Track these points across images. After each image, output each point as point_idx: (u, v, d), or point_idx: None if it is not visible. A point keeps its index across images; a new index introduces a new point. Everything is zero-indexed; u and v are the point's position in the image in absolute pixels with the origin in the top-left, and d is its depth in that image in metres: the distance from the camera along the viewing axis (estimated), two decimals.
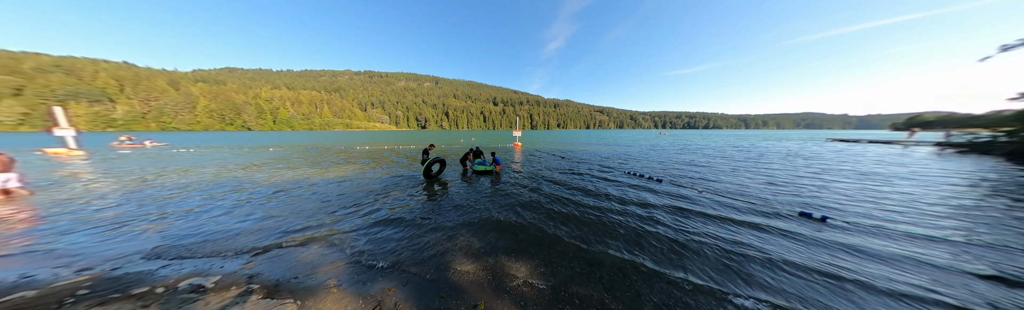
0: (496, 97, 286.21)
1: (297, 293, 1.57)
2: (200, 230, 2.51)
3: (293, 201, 3.51)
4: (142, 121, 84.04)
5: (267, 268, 1.87)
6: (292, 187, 4.33)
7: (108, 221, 2.75)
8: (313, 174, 5.55)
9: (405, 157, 8.89)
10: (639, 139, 23.60)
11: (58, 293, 1.52)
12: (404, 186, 4.32)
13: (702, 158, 8.44)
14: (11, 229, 2.45)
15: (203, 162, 7.47)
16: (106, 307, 1.40)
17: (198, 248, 2.15)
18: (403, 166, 6.71)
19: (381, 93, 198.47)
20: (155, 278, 1.71)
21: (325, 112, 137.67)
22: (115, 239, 2.31)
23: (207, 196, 3.75)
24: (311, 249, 2.16)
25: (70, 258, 1.96)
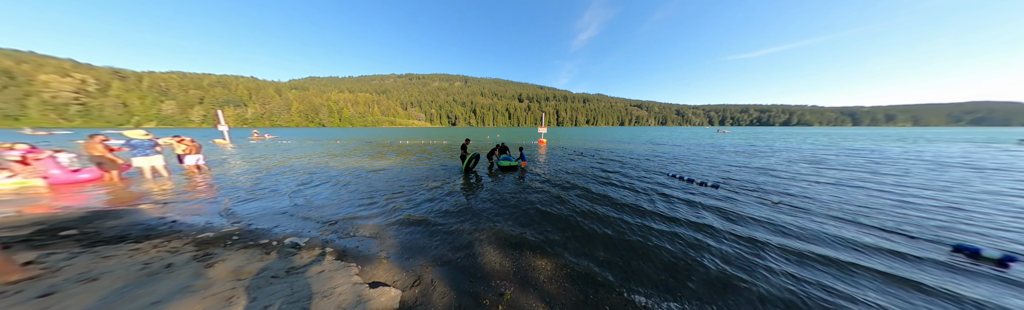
0: (521, 93, 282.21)
1: (358, 259, 1.90)
2: (295, 202, 3.26)
3: (354, 183, 4.23)
4: (261, 120, 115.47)
5: (338, 236, 2.31)
6: (353, 172, 5.22)
7: (248, 189, 3.82)
8: (367, 162, 6.56)
9: (437, 151, 9.65)
10: (687, 138, 20.20)
11: (224, 237, 2.21)
12: (440, 178, 4.68)
13: (782, 164, 6.53)
14: (202, 192, 3.66)
15: (296, 151, 9.63)
16: (247, 250, 1.96)
17: (295, 215, 2.80)
18: (437, 159, 7.32)
19: (419, 93, 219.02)
20: (271, 234, 2.30)
21: (375, 111, 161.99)
22: (252, 203, 3.20)
23: (298, 176, 4.83)
24: (368, 224, 2.56)
25: (230, 213, 2.82)
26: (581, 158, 7.67)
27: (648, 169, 5.74)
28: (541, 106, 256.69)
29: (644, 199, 3.43)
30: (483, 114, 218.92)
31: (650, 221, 2.66)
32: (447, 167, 5.92)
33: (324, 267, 1.73)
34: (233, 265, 1.71)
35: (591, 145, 12.84)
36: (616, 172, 5.20)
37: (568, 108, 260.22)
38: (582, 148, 11.19)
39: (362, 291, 1.46)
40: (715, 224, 2.57)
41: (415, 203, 3.22)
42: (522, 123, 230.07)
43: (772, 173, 5.29)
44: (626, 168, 5.81)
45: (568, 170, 5.24)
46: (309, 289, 1.45)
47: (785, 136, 22.99)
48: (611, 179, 4.63)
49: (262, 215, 2.79)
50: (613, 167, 5.88)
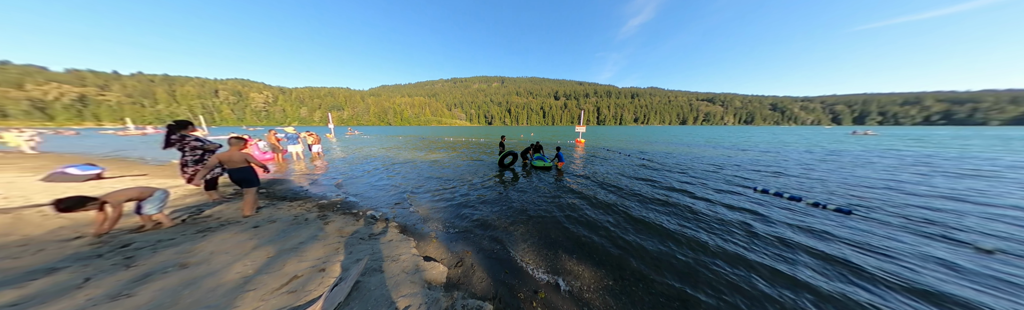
0: (558, 91, 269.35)
1: (414, 235, 2.27)
2: (375, 183, 4.17)
3: (412, 172, 5.07)
4: (351, 120, 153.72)
5: (400, 214, 2.82)
6: (412, 162, 6.27)
7: (344, 171, 5.10)
8: (421, 156, 7.68)
9: (475, 148, 10.48)
10: (792, 142, 13.45)
11: (332, 204, 3.06)
12: (481, 172, 5.06)
13: (983, 181, 4.10)
14: (320, 171, 5.16)
15: (374, 144, 12.29)
16: (345, 216, 2.65)
17: (373, 193, 3.59)
18: (475, 155, 7.94)
19: (461, 95, 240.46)
20: (358, 206, 3.03)
21: (427, 112, 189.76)
22: (348, 180, 4.29)
23: (375, 163, 6.15)
24: (421, 207, 3.03)
25: (335, 187, 3.86)
26: (626, 161, 6.85)
27: (728, 179, 4.57)
28: (579, 103, 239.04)
29: (708, 215, 2.76)
30: (517, 113, 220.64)
31: (716, 239, 2.12)
32: (485, 163, 6.30)
33: (392, 237, 2.15)
34: (338, 226, 2.33)
35: (640, 146, 11.29)
36: (675, 189, 4.21)
37: (611, 105, 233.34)
38: (628, 149, 9.97)
39: (418, 262, 1.74)
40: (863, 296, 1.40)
41: (458, 194, 3.57)
42: (557, 121, 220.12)
43: (959, 195, 3.33)
44: (690, 177, 4.82)
45: (608, 178, 4.72)
46: (383, 253, 1.84)
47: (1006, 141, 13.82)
48: (666, 191, 3.92)
49: (353, 191, 3.69)
50: (671, 180, 4.88)
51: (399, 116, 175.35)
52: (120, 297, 1.24)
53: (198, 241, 1.86)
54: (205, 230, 2.08)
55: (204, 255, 1.66)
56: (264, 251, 1.75)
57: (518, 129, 50.22)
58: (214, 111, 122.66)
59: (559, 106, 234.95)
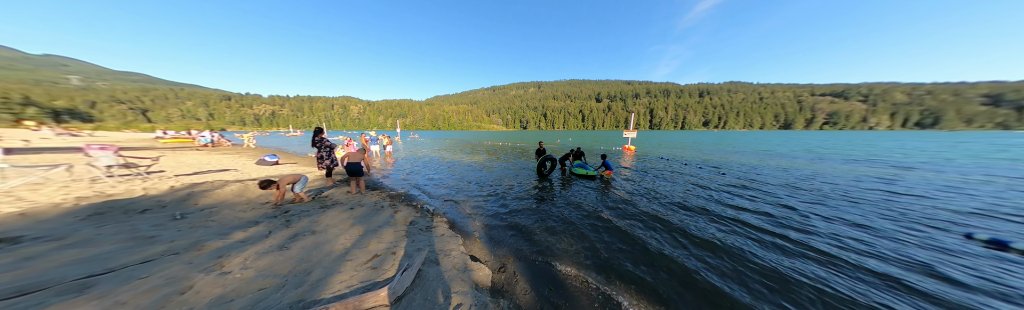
0: (600, 92, 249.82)
1: (461, 233, 2.44)
2: (428, 180, 4.81)
3: (458, 172, 5.61)
4: (411, 125, 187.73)
5: (448, 210, 3.12)
6: (457, 163, 6.95)
7: (407, 169, 6.14)
8: (464, 158, 8.45)
9: (511, 151, 10.79)
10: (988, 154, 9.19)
11: (399, 196, 3.70)
12: (519, 178, 5.11)
13: None
14: (391, 167, 6.37)
15: (430, 146, 14.38)
16: (409, 207, 3.14)
17: (427, 189, 4.13)
18: (512, 159, 8.15)
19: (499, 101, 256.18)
20: (417, 199, 3.54)
21: (469, 118, 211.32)
22: (410, 175, 5.13)
23: (430, 163, 7.13)
24: (466, 206, 3.27)
25: (401, 182, 4.67)
26: (699, 175, 5.58)
27: (875, 208, 3.05)
28: (626, 105, 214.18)
29: None
30: (554, 117, 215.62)
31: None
32: (521, 167, 6.35)
33: (442, 232, 2.37)
34: (404, 215, 2.77)
35: (715, 157, 9.06)
36: (804, 213, 3.01)
37: (669, 106, 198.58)
38: (695, 159, 8.20)
39: (466, 261, 1.84)
40: None
41: (499, 197, 3.68)
42: (599, 125, 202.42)
43: None
44: (804, 201, 3.47)
45: (675, 190, 3.96)
46: (437, 246, 2.04)
47: None
48: (778, 223, 2.86)
49: (413, 185, 4.35)
50: (773, 199, 3.60)
51: (447, 122, 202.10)
52: (283, 249, 1.81)
53: (321, 214, 2.56)
54: (325, 207, 2.84)
55: (323, 226, 2.26)
56: (356, 229, 2.24)
57: (555, 134, 48.95)
58: (330, 119, 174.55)
59: (601, 109, 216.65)
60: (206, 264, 1.54)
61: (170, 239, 1.87)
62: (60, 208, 2.38)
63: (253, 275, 1.45)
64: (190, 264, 1.54)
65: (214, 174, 4.42)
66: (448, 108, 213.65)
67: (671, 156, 9.13)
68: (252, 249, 1.77)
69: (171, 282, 1.35)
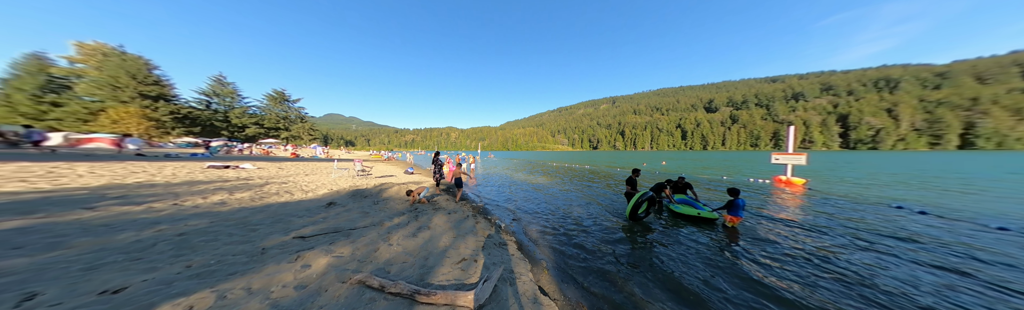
0: (713, 99, 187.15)
1: (529, 258, 2.43)
2: (501, 196, 5.41)
3: (526, 193, 5.89)
4: (488, 147, 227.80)
5: (516, 230, 3.26)
6: (524, 184, 7.36)
7: (484, 185, 7.33)
8: (530, 178, 8.84)
9: (579, 175, 9.98)
10: None
11: (479, 209, 4.41)
12: (592, 212, 4.53)
13: None
14: (473, 183, 7.85)
15: (499, 165, 16.42)
16: (486, 220, 3.64)
17: (500, 204, 4.63)
18: (581, 185, 7.51)
19: (565, 121, 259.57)
20: (491, 214, 4.03)
21: (534, 139, 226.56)
22: (485, 191, 6.03)
23: (501, 181, 8.08)
24: (533, 231, 3.28)
25: (479, 196, 5.59)
26: None
27: None
28: (772, 112, 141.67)
29: None
30: (636, 135, 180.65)
31: None
32: (594, 196, 5.65)
33: (513, 252, 2.48)
34: (483, 227, 3.22)
35: None
36: None
37: (868, 106, 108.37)
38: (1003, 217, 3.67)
39: (535, 291, 1.78)
40: None
41: (562, 220, 3.46)
42: (717, 144, 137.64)
43: None
44: None
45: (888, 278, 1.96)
46: (510, 265, 2.15)
47: None
48: None
49: (489, 200, 5.02)
50: None
51: (515, 143, 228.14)
52: (415, 236, 2.65)
53: (433, 215, 3.54)
54: (434, 209, 3.91)
55: (434, 224, 3.09)
56: (452, 232, 2.86)
57: (639, 155, 39.77)
58: (438, 143, 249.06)
59: (718, 121, 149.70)
60: (384, 235, 2.56)
61: (374, 215, 3.31)
62: (346, 189, 4.95)
63: (401, 250, 2.22)
64: (379, 234, 2.61)
65: (387, 178, 7.46)
66: (516, 131, 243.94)
67: (923, 205, 4.67)
68: (400, 232, 2.73)
69: (371, 243, 2.36)
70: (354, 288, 1.51)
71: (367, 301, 1.39)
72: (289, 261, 1.83)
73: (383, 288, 1.50)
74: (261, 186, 4.74)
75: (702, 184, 7.23)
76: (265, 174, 6.42)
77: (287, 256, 1.91)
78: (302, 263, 1.81)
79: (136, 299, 1.30)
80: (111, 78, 19.96)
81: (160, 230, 2.27)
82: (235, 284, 1.47)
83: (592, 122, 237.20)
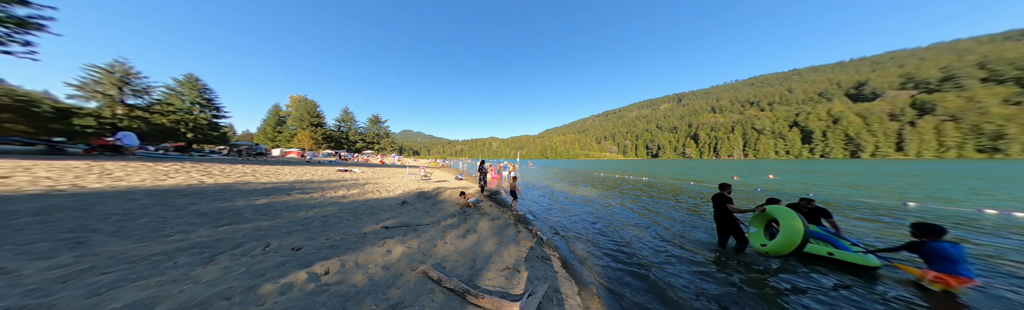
0: (866, 81, 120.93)
1: (574, 277, 2.20)
2: (540, 206, 5.27)
3: (563, 204, 5.52)
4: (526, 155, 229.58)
5: (561, 245, 3.05)
6: (564, 194, 6.96)
7: (525, 192, 7.36)
8: (571, 189, 8.25)
9: (633, 187, 8.51)
10: None
11: (520, 218, 4.44)
12: (667, 239, 3.76)
13: None
14: None
15: (538, 174, 16.37)
16: (527, 230, 3.61)
17: (540, 215, 4.49)
18: (639, 196, 6.42)
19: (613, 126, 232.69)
20: (532, 224, 3.96)
21: (576, 147, 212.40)
22: (525, 199, 6.04)
23: (539, 190, 7.94)
24: (579, 248, 2.99)
25: (520, 205, 5.63)
26: None
27: None
28: None
29: None
30: (716, 139, 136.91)
31: None
32: (657, 214, 4.69)
33: (557, 270, 2.31)
34: (524, 236, 3.19)
35: None
36: None
37: None
38: None
39: None
40: None
41: (621, 253, 2.96)
42: (887, 149, 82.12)
43: None
44: None
45: None
46: (556, 283, 2.02)
47: None
48: None
49: (528, 211, 4.98)
50: None
51: (554, 151, 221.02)
52: (464, 238, 2.92)
53: (479, 220, 3.81)
54: (480, 214, 4.21)
55: (479, 229, 3.31)
56: (495, 238, 2.98)
57: (723, 165, 30.43)
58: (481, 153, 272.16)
59: (880, 113, 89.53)
60: (441, 233, 2.95)
61: (433, 215, 3.90)
62: (413, 191, 6.09)
63: (454, 249, 2.49)
64: (437, 231, 3.04)
65: (442, 183, 8.66)
66: (555, 139, 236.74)
67: None
68: (453, 232, 3.07)
69: (431, 238, 2.76)
70: (420, 276, 1.79)
71: (428, 290, 1.62)
72: (378, 245, 2.38)
73: (440, 281, 1.71)
74: (363, 185, 6.49)
75: (845, 212, 4.64)
76: (365, 176, 8.76)
77: (377, 241, 2.50)
78: (386, 248, 2.31)
79: (305, 257, 2.01)
80: (299, 114, 33.57)
81: (315, 212, 3.47)
82: (349, 257, 2.04)
83: (649, 125, 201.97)
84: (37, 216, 2.37)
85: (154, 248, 1.89)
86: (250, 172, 6.97)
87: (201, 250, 1.94)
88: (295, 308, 1.29)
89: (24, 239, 1.86)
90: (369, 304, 1.41)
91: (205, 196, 3.76)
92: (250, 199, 3.86)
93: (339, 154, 22.70)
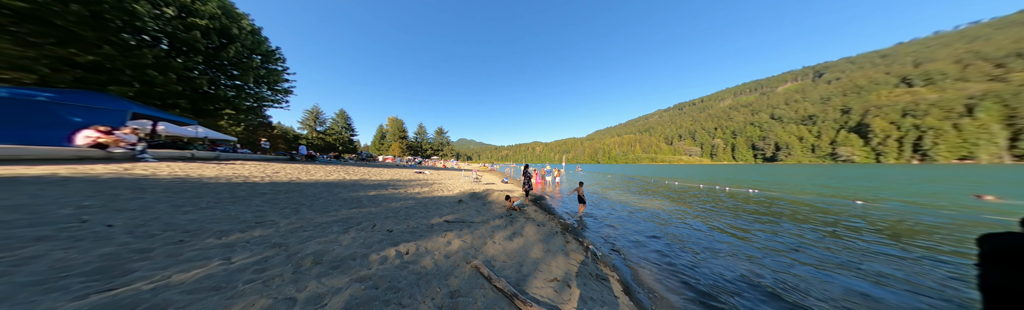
0: None
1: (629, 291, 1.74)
2: (591, 217, 4.69)
3: (621, 217, 4.70)
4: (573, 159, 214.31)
5: (619, 265, 2.56)
6: (621, 205, 5.98)
7: (572, 199, 6.84)
8: (631, 200, 6.95)
9: (739, 201, 6.16)
10: None
11: (567, 227, 4.12)
12: None
13: None
14: (558, 197, 7.63)
15: (587, 180, 14.87)
16: (576, 241, 3.30)
17: (590, 226, 3.98)
18: (746, 213, 4.65)
19: (691, 122, 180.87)
20: (582, 235, 3.56)
21: (636, 149, 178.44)
22: (571, 207, 5.55)
23: (591, 197, 7.10)
24: (647, 276, 2.40)
25: (566, 211, 5.23)
26: None
27: None
28: None
29: None
30: (919, 130, 75.89)
31: None
32: (797, 248, 3.21)
33: (618, 295, 1.93)
34: (573, 247, 2.91)
35: None
36: None
37: None
38: None
39: None
40: None
41: (708, 291, 2.17)
42: None
43: None
44: None
45: None
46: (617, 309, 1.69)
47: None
48: None
49: (575, 220, 4.53)
50: None
51: (607, 155, 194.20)
52: (509, 240, 2.98)
53: (525, 224, 3.81)
54: (526, 218, 4.21)
55: (525, 233, 3.29)
56: (542, 245, 2.86)
57: (932, 172, 18.19)
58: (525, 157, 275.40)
59: None
60: (490, 233, 3.14)
61: (484, 214, 4.23)
62: (467, 191, 6.87)
63: (501, 250, 2.58)
64: (486, 230, 3.25)
65: (490, 185, 9.31)
66: (608, 141, 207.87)
67: None
68: (501, 233, 3.20)
69: (482, 236, 2.97)
70: (472, 270, 1.94)
71: (479, 285, 1.72)
72: (441, 236, 2.79)
73: (490, 279, 1.79)
74: (431, 184, 7.91)
75: None
76: (433, 177, 10.66)
77: (440, 232, 2.93)
78: (447, 240, 2.67)
79: (395, 238, 2.61)
80: (392, 130, 45.83)
81: (401, 204, 4.50)
82: (422, 243, 2.50)
83: (756, 116, 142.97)
84: (284, 194, 4.30)
85: (324, 219, 2.98)
86: (365, 172, 9.99)
87: (343, 224, 2.91)
88: (388, 276, 1.68)
89: (278, 205, 3.40)
90: (434, 286, 1.64)
91: (345, 187, 5.67)
92: (367, 191, 5.50)
93: (416, 159, 29.21)
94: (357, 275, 1.62)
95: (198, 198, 3.10)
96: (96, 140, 5.20)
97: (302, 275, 1.52)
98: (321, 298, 1.31)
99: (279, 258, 1.71)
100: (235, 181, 4.55)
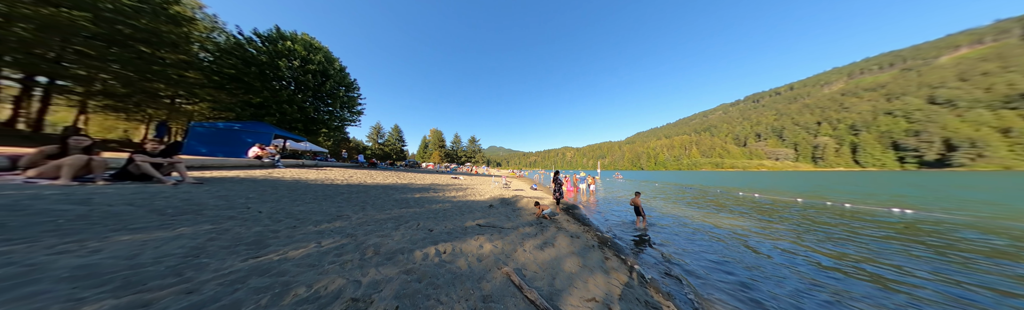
0: None
1: None
2: (625, 235, 4.05)
3: (675, 238, 3.89)
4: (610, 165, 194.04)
5: (678, 296, 2.06)
6: (676, 222, 4.98)
7: (609, 210, 6.11)
8: (701, 216, 5.73)
9: (865, 224, 4.29)
10: None
11: (604, 240, 3.69)
12: None
13: None
14: (594, 206, 6.95)
15: (628, 188, 13.20)
16: (616, 258, 2.90)
17: (630, 241, 3.41)
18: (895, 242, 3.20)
19: (776, 117, 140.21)
20: (623, 252, 3.11)
21: (692, 153, 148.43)
22: (609, 217, 4.94)
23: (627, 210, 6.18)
24: None
25: (603, 222, 4.68)
26: None
27: None
28: None
29: None
30: None
31: None
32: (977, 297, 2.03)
33: None
34: (614, 265, 2.55)
35: None
36: None
37: None
38: None
39: None
40: None
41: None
42: None
43: None
44: None
45: None
46: None
47: None
48: None
49: (616, 231, 3.99)
50: None
51: (652, 160, 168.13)
52: (540, 250, 2.85)
53: (557, 233, 3.60)
54: (557, 228, 3.97)
55: (557, 243, 3.10)
56: (577, 259, 2.62)
57: None
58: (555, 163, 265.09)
59: None
60: (520, 240, 3.09)
61: (513, 220, 4.22)
62: (498, 197, 7.03)
63: (532, 259, 2.48)
64: (517, 237, 3.22)
65: (519, 191, 9.27)
66: (653, 143, 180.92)
67: None
68: (531, 241, 3.10)
69: (512, 243, 2.95)
70: (504, 277, 1.93)
71: (511, 294, 1.68)
72: (474, 238, 2.90)
73: (521, 288, 1.73)
74: (465, 189, 8.45)
75: None
76: (466, 182, 11.39)
77: (473, 235, 3.06)
78: (479, 243, 2.76)
79: (435, 237, 2.87)
80: (433, 140, 52.37)
81: (440, 206, 4.94)
82: (458, 244, 2.65)
83: (895, 103, 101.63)
84: (355, 194, 5.35)
85: (381, 216, 3.55)
86: (412, 177, 11.50)
87: (395, 221, 3.38)
88: (429, 273, 1.84)
89: (351, 203, 4.24)
90: (468, 288, 1.70)
91: (397, 190, 6.65)
92: (413, 194, 6.31)
93: (452, 166, 32.26)
94: (404, 268, 1.83)
95: (305, 195, 4.17)
96: (257, 154, 7.93)
97: (366, 262, 1.82)
98: (378, 284, 1.54)
99: (351, 246, 2.11)
100: (325, 183, 5.94)
